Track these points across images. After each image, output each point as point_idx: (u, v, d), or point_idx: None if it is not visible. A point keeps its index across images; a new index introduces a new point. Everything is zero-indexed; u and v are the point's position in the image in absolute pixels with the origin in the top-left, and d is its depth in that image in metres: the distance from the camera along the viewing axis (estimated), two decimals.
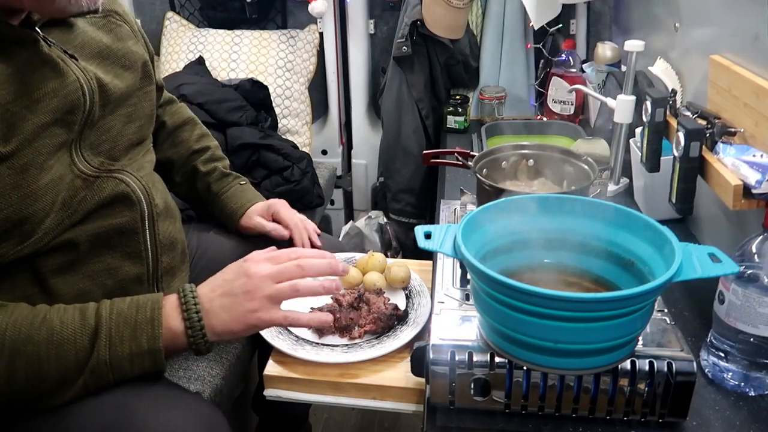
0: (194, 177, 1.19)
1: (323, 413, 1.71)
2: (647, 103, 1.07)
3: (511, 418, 0.75)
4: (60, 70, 0.79)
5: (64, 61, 0.80)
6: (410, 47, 1.78)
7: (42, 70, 0.77)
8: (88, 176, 0.84)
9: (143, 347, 0.76)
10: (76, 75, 0.81)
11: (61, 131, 0.80)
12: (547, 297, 0.64)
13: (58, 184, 0.80)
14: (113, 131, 0.89)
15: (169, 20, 2.12)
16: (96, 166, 0.85)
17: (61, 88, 0.79)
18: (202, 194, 1.19)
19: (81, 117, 0.82)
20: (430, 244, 0.76)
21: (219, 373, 1.04)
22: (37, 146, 0.76)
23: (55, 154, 0.79)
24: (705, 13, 1.12)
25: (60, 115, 0.79)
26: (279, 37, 2.03)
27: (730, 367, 0.80)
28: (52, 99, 0.77)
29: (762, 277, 0.75)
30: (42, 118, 0.76)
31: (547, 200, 0.83)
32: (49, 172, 0.78)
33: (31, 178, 0.76)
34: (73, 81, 0.80)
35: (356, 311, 0.97)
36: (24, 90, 0.75)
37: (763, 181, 0.82)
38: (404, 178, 1.96)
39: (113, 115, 0.89)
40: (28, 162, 0.76)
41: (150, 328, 0.77)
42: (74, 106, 0.80)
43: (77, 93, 0.81)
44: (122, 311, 0.78)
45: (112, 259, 0.87)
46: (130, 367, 0.77)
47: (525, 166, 1.08)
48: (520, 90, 1.95)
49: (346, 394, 0.89)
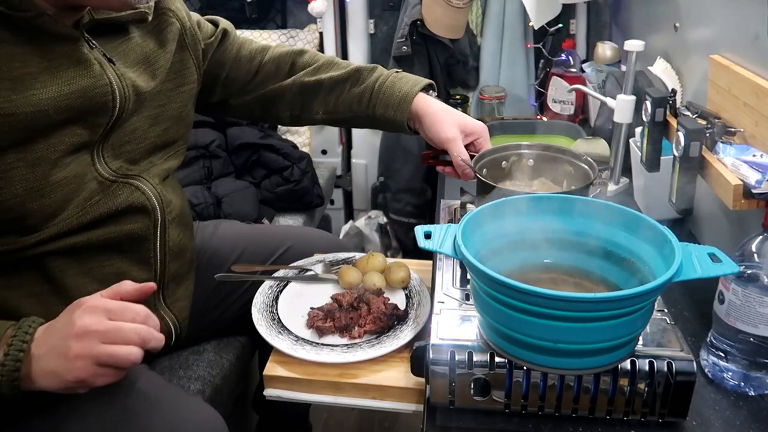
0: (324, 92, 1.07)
1: (323, 413, 1.71)
2: (647, 103, 1.07)
3: (511, 418, 0.75)
4: (94, 71, 0.79)
5: (101, 64, 0.80)
6: (410, 47, 1.78)
7: (77, 69, 0.77)
8: (105, 179, 0.83)
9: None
10: (110, 79, 0.81)
11: (84, 132, 0.79)
12: (547, 297, 0.64)
13: (74, 184, 0.79)
14: (137, 132, 0.88)
15: None
16: (114, 170, 0.85)
17: (92, 88, 0.78)
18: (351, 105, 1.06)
19: (108, 121, 0.82)
20: (429, 244, 0.76)
21: (219, 373, 1.04)
22: (54, 142, 0.76)
23: (73, 154, 0.79)
24: (705, 12, 1.12)
25: (83, 115, 0.79)
26: (279, 36, 2.03)
27: (730, 367, 0.80)
28: (78, 98, 0.77)
29: (762, 277, 0.75)
30: (63, 116, 0.76)
31: (547, 200, 0.83)
32: (63, 170, 0.78)
33: (41, 173, 0.75)
34: (105, 84, 0.80)
35: (356, 311, 0.97)
36: (53, 83, 0.75)
37: (763, 180, 0.82)
38: (404, 177, 1.96)
39: (139, 116, 0.88)
40: (41, 157, 0.75)
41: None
42: (101, 109, 0.80)
43: (107, 96, 0.80)
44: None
45: (122, 263, 0.87)
46: None
47: (525, 165, 1.08)
48: (520, 90, 1.95)
49: (346, 394, 0.89)
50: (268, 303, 1.01)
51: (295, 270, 1.10)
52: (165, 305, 0.95)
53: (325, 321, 0.95)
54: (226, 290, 1.10)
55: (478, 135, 1.04)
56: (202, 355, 1.07)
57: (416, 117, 1.04)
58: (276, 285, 1.06)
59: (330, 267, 1.11)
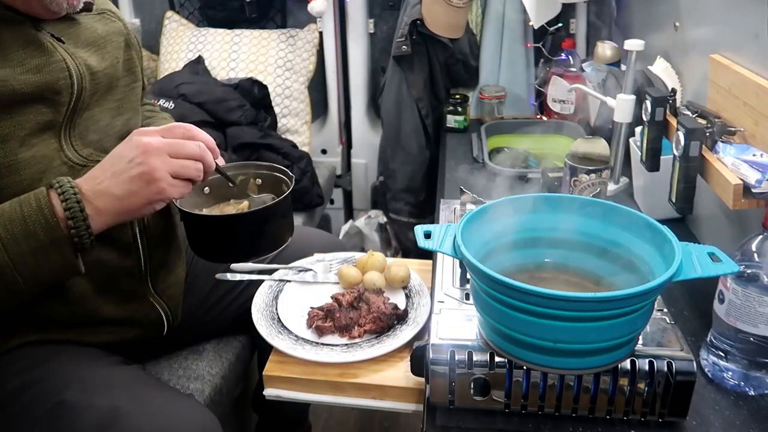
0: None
1: (323, 413, 1.71)
2: (647, 103, 1.07)
3: (510, 418, 0.75)
4: (46, 49, 0.82)
5: (51, 44, 0.83)
6: (410, 46, 1.77)
7: (26, 49, 0.80)
8: (75, 164, 0.85)
9: (42, 240, 0.73)
10: (62, 56, 0.83)
11: (47, 110, 0.81)
12: (547, 297, 0.64)
13: (43, 165, 0.81)
14: (102, 122, 0.90)
15: (169, 19, 2.12)
16: (85, 156, 0.87)
17: (45, 65, 0.81)
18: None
19: (69, 99, 0.84)
20: (429, 244, 0.76)
21: (218, 372, 1.04)
22: (20, 120, 0.79)
23: (40, 134, 0.81)
24: (705, 12, 1.12)
25: (44, 92, 0.80)
26: (279, 36, 2.03)
27: (730, 367, 0.80)
28: (35, 74, 0.79)
29: (762, 277, 0.75)
30: (23, 89, 0.78)
31: (547, 200, 0.83)
32: (31, 149, 0.80)
33: (9, 150, 0.78)
34: (58, 60, 0.82)
35: (356, 311, 0.97)
36: (3, 65, 0.77)
37: (763, 180, 0.82)
38: (404, 177, 1.96)
39: (101, 107, 0.90)
40: (9, 134, 0.77)
41: (42, 218, 0.73)
42: (61, 87, 0.82)
43: (63, 73, 0.82)
44: (4, 211, 0.74)
45: (101, 250, 0.87)
46: (36, 262, 0.73)
47: (253, 185, 1.01)
48: (519, 89, 1.94)
49: (346, 393, 0.89)
50: (268, 302, 1.01)
51: (295, 270, 1.10)
52: (155, 293, 0.96)
53: (325, 321, 0.95)
54: (226, 290, 1.10)
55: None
56: (201, 355, 1.07)
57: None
58: (276, 284, 1.06)
59: (330, 267, 1.11)
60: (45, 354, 0.86)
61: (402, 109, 1.89)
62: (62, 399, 0.79)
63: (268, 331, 0.95)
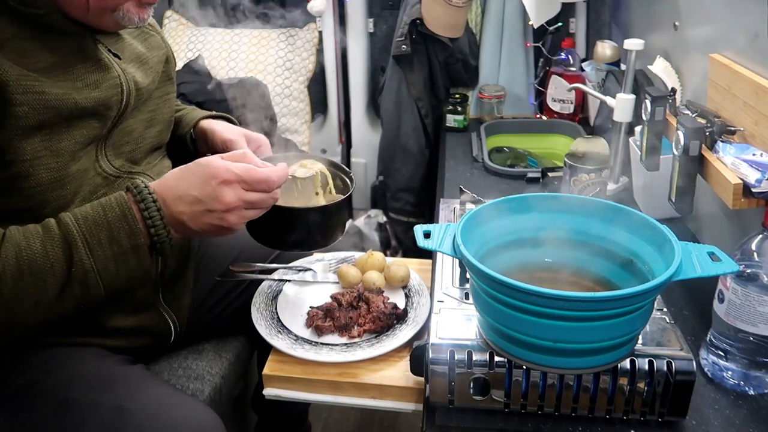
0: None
1: (323, 412, 1.71)
2: (647, 102, 1.07)
3: (510, 418, 0.75)
4: (104, 65, 0.82)
5: (108, 60, 0.83)
6: (409, 46, 1.77)
7: (86, 64, 0.80)
8: (109, 175, 0.86)
9: (125, 246, 0.75)
10: (117, 72, 0.84)
11: (98, 125, 0.82)
12: (547, 296, 0.64)
13: (83, 178, 0.81)
14: (135, 134, 0.91)
15: (168, 19, 2.12)
16: (117, 167, 0.87)
17: (103, 81, 0.81)
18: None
19: (116, 114, 0.85)
20: (429, 243, 0.76)
21: (218, 372, 1.04)
22: (75, 134, 0.79)
23: (86, 147, 0.81)
24: (705, 11, 1.12)
25: (99, 108, 0.81)
26: (278, 35, 2.03)
27: (729, 366, 0.79)
28: (93, 89, 0.80)
29: (762, 276, 0.75)
30: (83, 103, 0.78)
31: (546, 199, 0.83)
32: (77, 162, 0.80)
33: (63, 164, 0.78)
34: (114, 77, 0.83)
35: (355, 310, 0.97)
36: (65, 77, 0.77)
37: (763, 179, 0.82)
38: (403, 176, 1.96)
39: (135, 118, 0.91)
40: (63, 147, 0.78)
41: (126, 225, 0.75)
42: (113, 103, 0.83)
43: (117, 89, 0.83)
44: (88, 215, 0.75)
45: None
46: (116, 268, 0.75)
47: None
48: (519, 89, 1.94)
49: (346, 393, 0.89)
50: (268, 302, 1.01)
51: (295, 269, 1.10)
52: (164, 303, 0.96)
53: (325, 320, 0.95)
54: (225, 289, 1.10)
55: (259, 144, 1.06)
56: (201, 355, 1.07)
57: (202, 135, 1.06)
58: (275, 284, 1.06)
59: (329, 266, 1.11)
60: (49, 353, 0.86)
61: (402, 108, 1.89)
62: (67, 397, 0.79)
63: (268, 331, 0.95)
